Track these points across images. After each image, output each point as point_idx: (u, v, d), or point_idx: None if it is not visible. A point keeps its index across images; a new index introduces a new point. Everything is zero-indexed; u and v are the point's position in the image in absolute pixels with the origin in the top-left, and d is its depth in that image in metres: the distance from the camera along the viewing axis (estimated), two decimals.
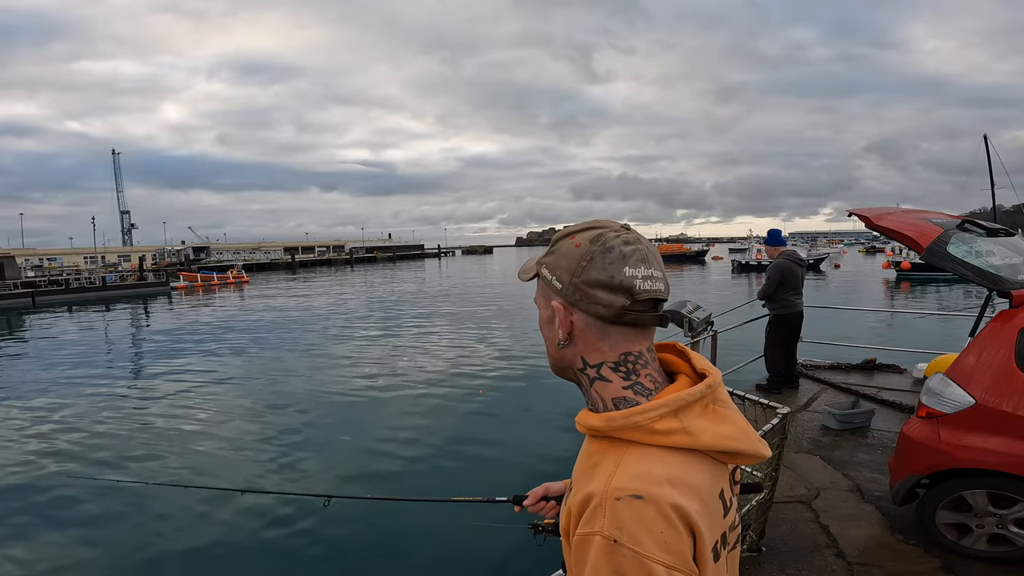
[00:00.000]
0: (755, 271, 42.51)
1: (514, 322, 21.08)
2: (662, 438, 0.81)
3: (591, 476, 0.83)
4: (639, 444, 0.82)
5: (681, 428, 0.82)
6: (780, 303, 6.38)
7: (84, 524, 6.32)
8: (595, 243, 0.87)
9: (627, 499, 0.76)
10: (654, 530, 0.75)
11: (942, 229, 3.55)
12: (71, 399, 11.75)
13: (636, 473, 0.79)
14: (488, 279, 48.81)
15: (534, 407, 10.05)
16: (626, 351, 0.88)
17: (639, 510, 0.75)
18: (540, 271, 0.93)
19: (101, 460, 8.18)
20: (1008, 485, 3.03)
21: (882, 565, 3.19)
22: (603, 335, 0.88)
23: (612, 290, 0.85)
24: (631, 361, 0.88)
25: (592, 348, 0.89)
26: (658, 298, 0.87)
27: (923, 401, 3.30)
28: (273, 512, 6.30)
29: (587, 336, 0.88)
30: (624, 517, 0.75)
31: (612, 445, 0.85)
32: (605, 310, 0.86)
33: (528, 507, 1.40)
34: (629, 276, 0.85)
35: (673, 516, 0.76)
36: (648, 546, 0.74)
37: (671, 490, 0.77)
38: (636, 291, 0.85)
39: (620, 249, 0.86)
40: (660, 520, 0.75)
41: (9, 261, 43.16)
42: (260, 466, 7.72)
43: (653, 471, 0.79)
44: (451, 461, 7.71)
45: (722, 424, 0.85)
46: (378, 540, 5.69)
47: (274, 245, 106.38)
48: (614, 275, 0.85)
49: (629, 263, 0.85)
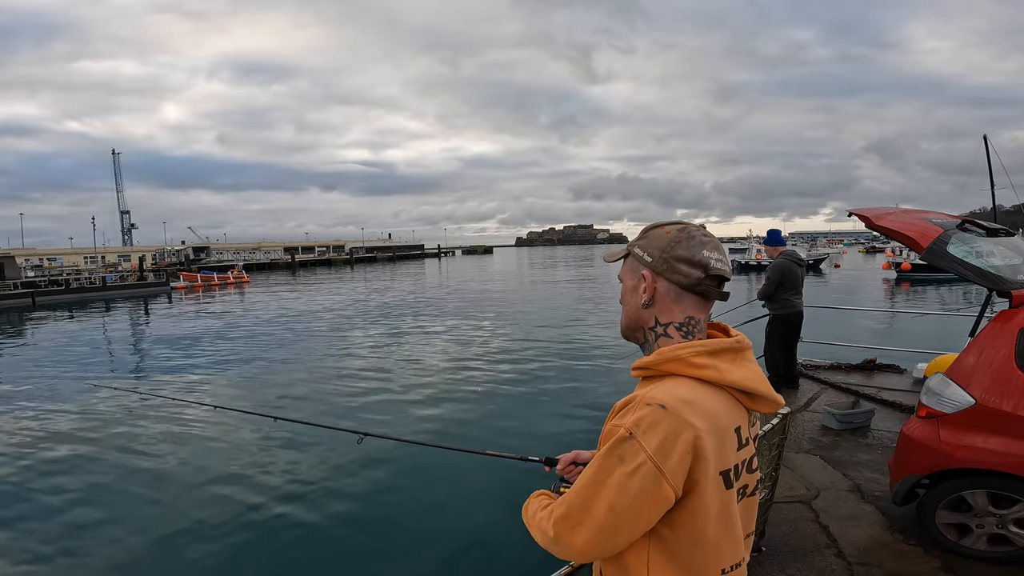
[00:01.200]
0: (755, 271, 42.48)
1: (514, 322, 21.09)
2: (696, 370, 1.05)
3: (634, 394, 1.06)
4: (677, 376, 1.05)
5: (712, 364, 1.06)
6: (780, 303, 6.38)
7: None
8: (682, 232, 1.14)
9: (655, 406, 0.98)
10: (661, 434, 0.96)
11: (942, 229, 3.55)
12: (70, 399, 11.75)
13: (668, 391, 1.01)
14: (488, 279, 48.80)
15: (534, 406, 10.05)
16: (691, 315, 1.13)
17: (658, 415, 0.97)
18: (632, 251, 1.19)
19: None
20: (1008, 485, 3.03)
21: (882, 565, 3.19)
22: (678, 299, 1.13)
23: (692, 265, 1.11)
24: (692, 324, 1.13)
25: (667, 309, 1.14)
26: (724, 276, 1.14)
27: (923, 401, 3.30)
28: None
29: (666, 299, 1.13)
30: (647, 420, 0.97)
31: (655, 381, 1.07)
32: (685, 279, 1.11)
33: (558, 470, 1.50)
34: (706, 256, 1.11)
35: (684, 432, 0.96)
36: (650, 443, 0.96)
37: (690, 411, 0.98)
38: (710, 268, 1.11)
39: (700, 238, 1.13)
40: (670, 429, 0.96)
41: (9, 261, 43.12)
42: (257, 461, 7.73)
43: (682, 393, 1.01)
44: (447, 465, 7.71)
45: (745, 369, 1.09)
46: (407, 482, 5.99)
47: (274, 245, 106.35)
48: (695, 254, 1.11)
49: (707, 248, 1.12)
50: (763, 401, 1.09)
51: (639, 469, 0.94)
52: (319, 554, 5.38)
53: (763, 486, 3.20)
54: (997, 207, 46.96)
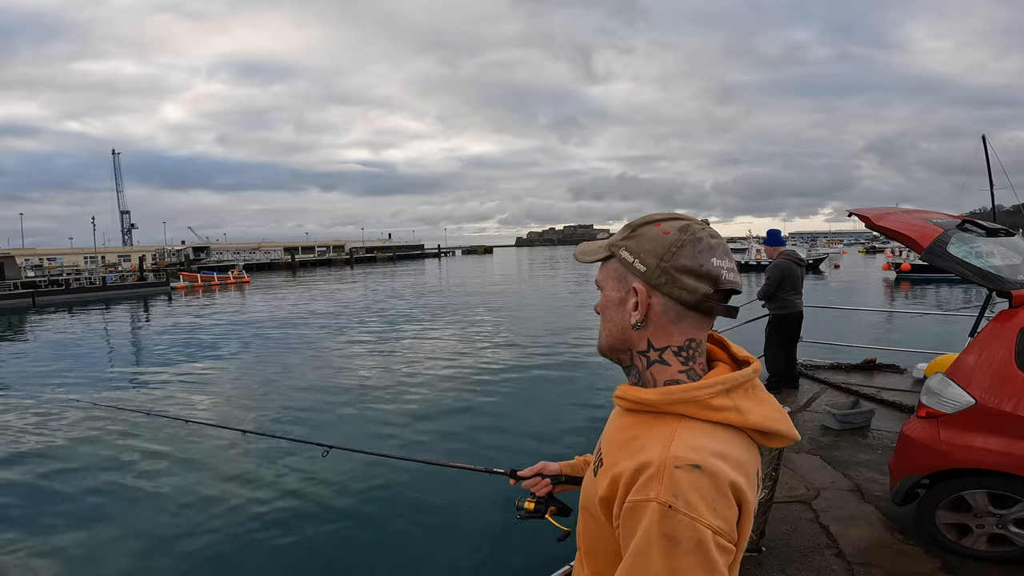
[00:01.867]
0: (754, 271, 42.50)
1: (514, 323, 21.09)
2: (715, 414, 0.87)
3: (635, 447, 0.87)
4: (690, 419, 0.87)
5: (733, 406, 0.88)
6: (780, 303, 6.38)
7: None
8: (684, 232, 0.91)
9: (686, 468, 0.80)
10: (707, 497, 0.79)
11: (942, 229, 3.55)
12: (68, 400, 11.74)
13: (693, 445, 0.83)
14: (489, 279, 48.81)
15: (532, 405, 10.06)
16: (692, 337, 0.93)
17: (696, 479, 0.79)
18: (618, 253, 0.96)
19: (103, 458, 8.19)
20: (1008, 485, 3.03)
21: (882, 565, 3.19)
22: (678, 319, 0.92)
23: (699, 277, 0.89)
24: (693, 347, 0.93)
25: (663, 332, 0.93)
26: (735, 290, 0.93)
27: (923, 401, 3.30)
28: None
29: (663, 319, 0.93)
30: (681, 484, 0.79)
31: (657, 419, 0.89)
32: (689, 295, 0.90)
33: (524, 484, 1.43)
34: (716, 266, 0.90)
35: (727, 488, 0.80)
36: (701, 511, 0.78)
37: (725, 463, 0.82)
38: (721, 280, 0.90)
39: (708, 241, 0.91)
40: (714, 489, 0.79)
41: (9, 261, 43.08)
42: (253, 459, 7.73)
43: (708, 444, 0.84)
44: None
45: (763, 405, 0.91)
46: (373, 496, 5.87)
47: (274, 245, 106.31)
48: (703, 263, 0.89)
49: (716, 254, 0.90)
50: (778, 438, 0.92)
51: (701, 543, 0.77)
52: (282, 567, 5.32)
53: (763, 486, 3.20)
54: (997, 207, 46.93)
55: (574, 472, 1.41)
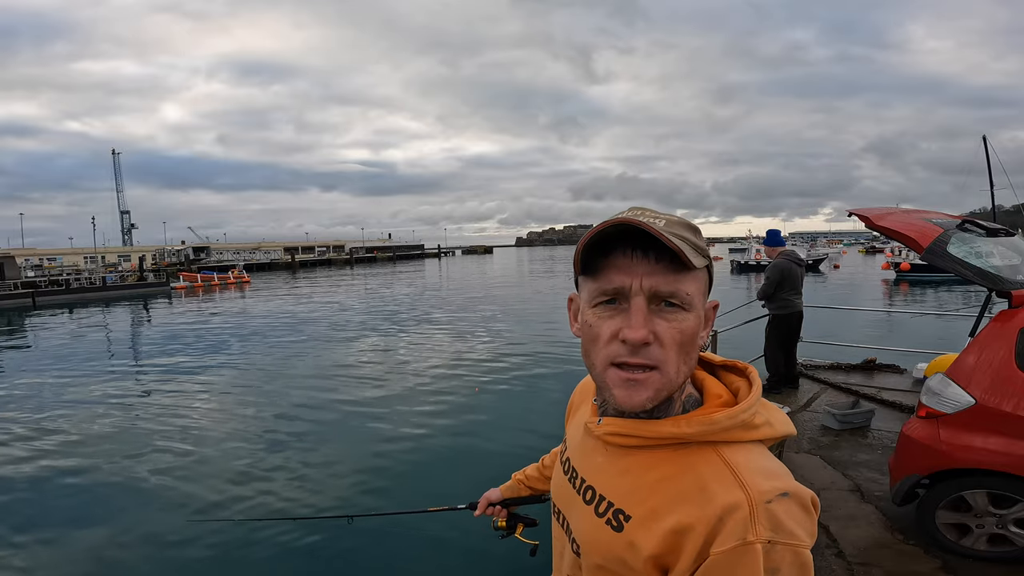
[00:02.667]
0: (754, 271, 42.51)
1: (513, 324, 21.09)
2: (755, 432, 0.82)
3: (682, 491, 0.78)
4: (729, 443, 0.80)
5: (766, 421, 0.84)
6: (780, 303, 6.38)
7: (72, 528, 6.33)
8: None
9: (777, 499, 0.74)
10: (801, 521, 0.75)
11: (942, 229, 3.55)
12: (68, 400, 11.75)
13: (764, 472, 0.77)
14: (488, 279, 48.82)
15: (532, 403, 10.05)
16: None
17: (788, 507, 0.75)
18: (711, 262, 0.85)
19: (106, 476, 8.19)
20: (1008, 485, 3.03)
21: (882, 565, 3.20)
22: None
23: None
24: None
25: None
26: None
27: (923, 401, 3.30)
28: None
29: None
30: (780, 517, 0.74)
31: (688, 450, 0.81)
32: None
33: (476, 515, 1.57)
34: None
35: (810, 504, 0.77)
36: (801, 536, 0.74)
37: (793, 479, 0.78)
38: None
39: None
40: (803, 511, 0.76)
41: (9, 261, 43.09)
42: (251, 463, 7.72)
43: (769, 465, 0.79)
44: (446, 462, 7.71)
45: (778, 412, 0.88)
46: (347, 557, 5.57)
47: (274, 245, 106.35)
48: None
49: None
50: (783, 439, 0.90)
51: (804, 566, 0.74)
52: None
53: None
54: (997, 207, 46.93)
55: (516, 494, 1.54)
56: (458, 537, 5.32)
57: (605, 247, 0.79)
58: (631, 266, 0.77)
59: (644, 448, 0.83)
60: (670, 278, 0.77)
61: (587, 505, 0.89)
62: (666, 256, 0.76)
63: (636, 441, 0.83)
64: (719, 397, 0.86)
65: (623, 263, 0.78)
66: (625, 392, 0.79)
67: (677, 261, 0.75)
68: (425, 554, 5.39)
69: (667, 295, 0.77)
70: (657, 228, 0.75)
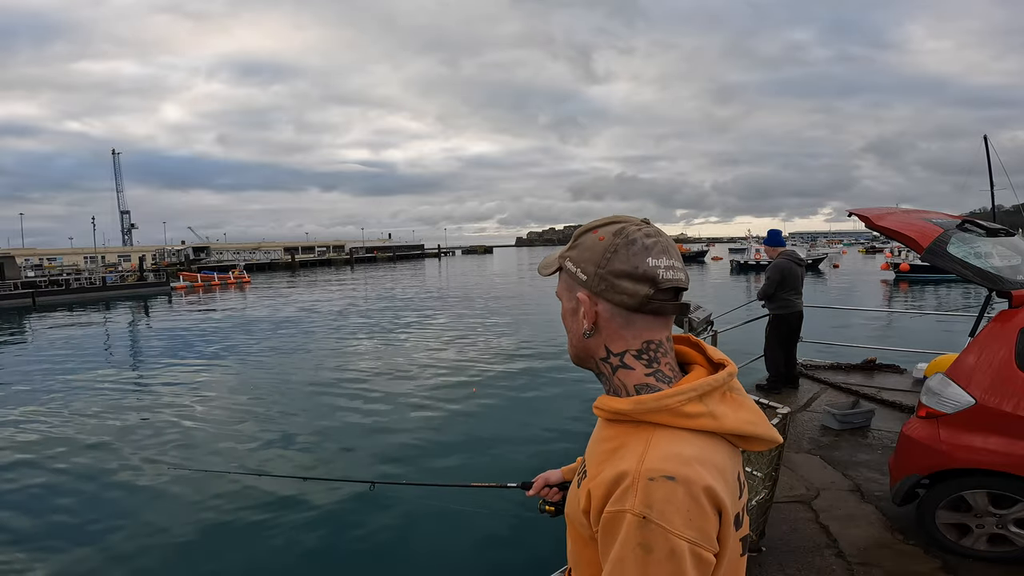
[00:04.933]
0: (754, 271, 42.50)
1: (512, 321, 21.09)
2: (689, 421, 0.86)
3: (615, 458, 0.87)
4: (665, 427, 0.86)
5: (707, 412, 0.87)
6: (780, 303, 6.38)
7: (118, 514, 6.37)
8: (618, 236, 0.91)
9: (660, 479, 0.80)
10: (682, 509, 0.79)
11: (942, 229, 3.55)
12: (68, 400, 11.75)
13: (667, 454, 0.83)
14: (488, 279, 48.80)
15: (531, 403, 10.06)
16: (648, 339, 0.93)
17: (670, 490, 0.79)
18: (564, 264, 0.97)
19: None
20: (1008, 485, 3.03)
21: (882, 565, 3.19)
22: (627, 323, 0.92)
23: (636, 279, 0.89)
24: (652, 349, 0.93)
25: (616, 336, 0.93)
26: (679, 287, 0.92)
27: (923, 401, 3.30)
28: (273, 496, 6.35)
29: (612, 325, 0.92)
30: (655, 496, 0.79)
31: (636, 428, 0.89)
32: (630, 299, 0.90)
33: (529, 494, 1.55)
34: (652, 266, 0.89)
35: (702, 496, 0.80)
36: (676, 523, 0.78)
37: (701, 471, 0.81)
38: (659, 280, 0.89)
39: (642, 241, 0.90)
40: (688, 500, 0.79)
41: (9, 261, 43.06)
42: (256, 452, 7.73)
43: (683, 452, 0.83)
44: (452, 457, 7.72)
45: (740, 410, 0.90)
46: (389, 524, 5.85)
47: (274, 245, 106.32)
48: (638, 265, 0.89)
49: (651, 254, 0.90)
50: (758, 441, 0.91)
51: (674, 553, 0.77)
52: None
53: (763, 486, 3.20)
54: (997, 207, 46.94)
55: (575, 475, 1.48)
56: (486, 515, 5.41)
57: None
58: None
59: (614, 422, 0.93)
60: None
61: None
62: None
63: (602, 414, 0.94)
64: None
65: None
66: None
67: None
68: (457, 530, 5.51)
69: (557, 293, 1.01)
70: (543, 263, 1.03)
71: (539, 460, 7.44)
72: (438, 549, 5.49)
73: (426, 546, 5.55)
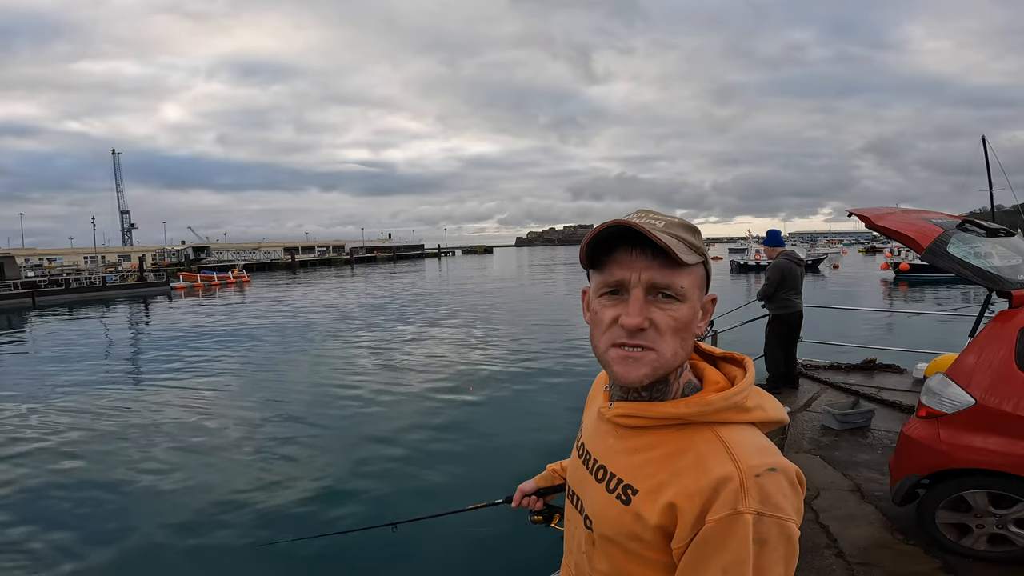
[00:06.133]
0: (754, 271, 42.49)
1: (513, 320, 21.09)
2: (747, 415, 0.90)
3: (684, 466, 0.85)
4: (724, 424, 0.88)
5: (758, 405, 0.91)
6: (780, 303, 6.38)
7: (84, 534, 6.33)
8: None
9: (766, 473, 0.82)
10: (789, 496, 0.83)
11: (942, 229, 3.55)
12: (67, 400, 11.75)
13: (755, 448, 0.85)
14: (488, 279, 48.79)
15: (530, 403, 10.06)
16: None
17: (777, 481, 0.82)
18: (707, 258, 0.92)
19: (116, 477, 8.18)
20: (1008, 485, 3.03)
21: (882, 565, 3.20)
22: None
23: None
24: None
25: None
26: None
27: (923, 401, 3.30)
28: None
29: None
30: (767, 490, 0.81)
31: (692, 430, 0.89)
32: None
33: (512, 506, 1.59)
34: None
35: (795, 480, 0.85)
36: (787, 511, 0.82)
37: (784, 457, 0.86)
38: None
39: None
40: (789, 486, 0.83)
41: (9, 261, 43.08)
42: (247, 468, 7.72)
43: (761, 443, 0.87)
44: (450, 464, 7.71)
45: (769, 399, 0.95)
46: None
47: (274, 245, 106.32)
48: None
49: None
50: (775, 425, 0.95)
51: (789, 539, 0.81)
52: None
53: None
54: (996, 207, 46.91)
55: (550, 483, 1.55)
56: (487, 532, 5.38)
57: (609, 245, 0.88)
58: (631, 261, 0.86)
59: (649, 428, 0.91)
60: (665, 272, 0.85)
61: (599, 483, 0.96)
62: (662, 253, 0.84)
63: (641, 421, 0.91)
64: (716, 383, 0.93)
65: (624, 259, 0.87)
66: (623, 368, 0.87)
67: (672, 257, 0.83)
68: (459, 552, 5.44)
69: (663, 287, 0.86)
70: (652, 229, 0.83)
71: (539, 458, 7.42)
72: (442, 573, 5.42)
73: (431, 570, 5.46)
